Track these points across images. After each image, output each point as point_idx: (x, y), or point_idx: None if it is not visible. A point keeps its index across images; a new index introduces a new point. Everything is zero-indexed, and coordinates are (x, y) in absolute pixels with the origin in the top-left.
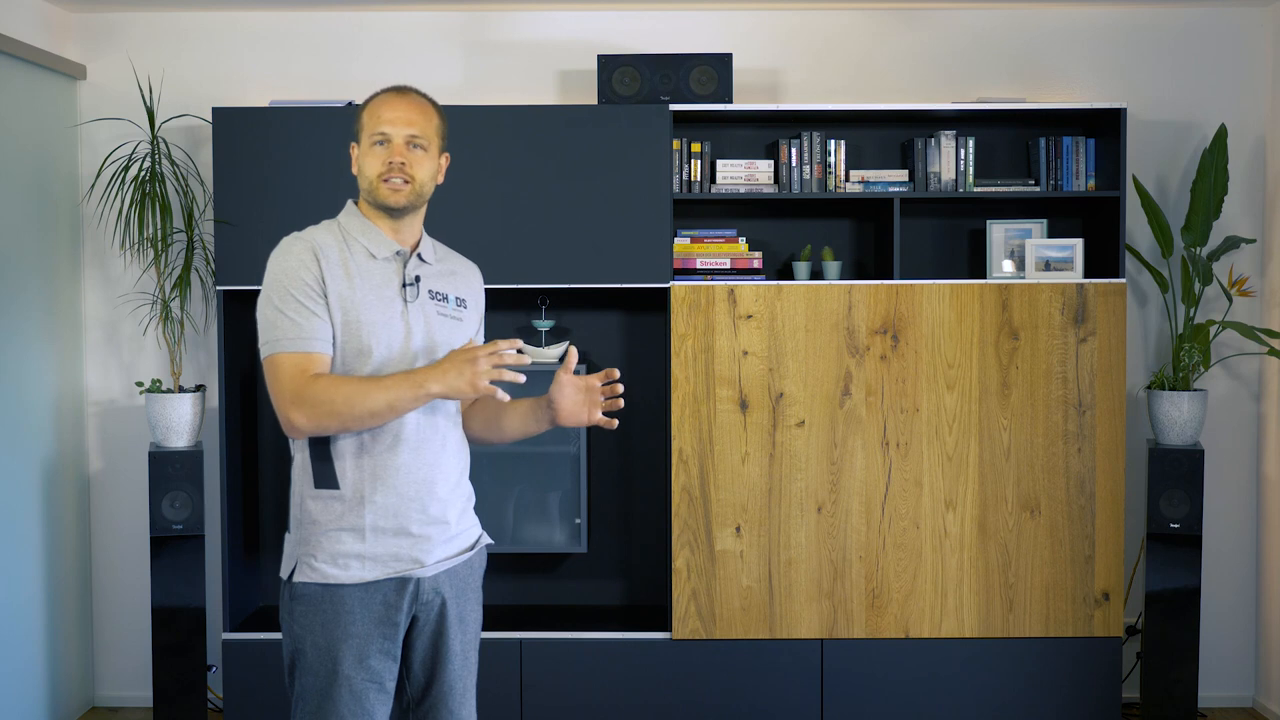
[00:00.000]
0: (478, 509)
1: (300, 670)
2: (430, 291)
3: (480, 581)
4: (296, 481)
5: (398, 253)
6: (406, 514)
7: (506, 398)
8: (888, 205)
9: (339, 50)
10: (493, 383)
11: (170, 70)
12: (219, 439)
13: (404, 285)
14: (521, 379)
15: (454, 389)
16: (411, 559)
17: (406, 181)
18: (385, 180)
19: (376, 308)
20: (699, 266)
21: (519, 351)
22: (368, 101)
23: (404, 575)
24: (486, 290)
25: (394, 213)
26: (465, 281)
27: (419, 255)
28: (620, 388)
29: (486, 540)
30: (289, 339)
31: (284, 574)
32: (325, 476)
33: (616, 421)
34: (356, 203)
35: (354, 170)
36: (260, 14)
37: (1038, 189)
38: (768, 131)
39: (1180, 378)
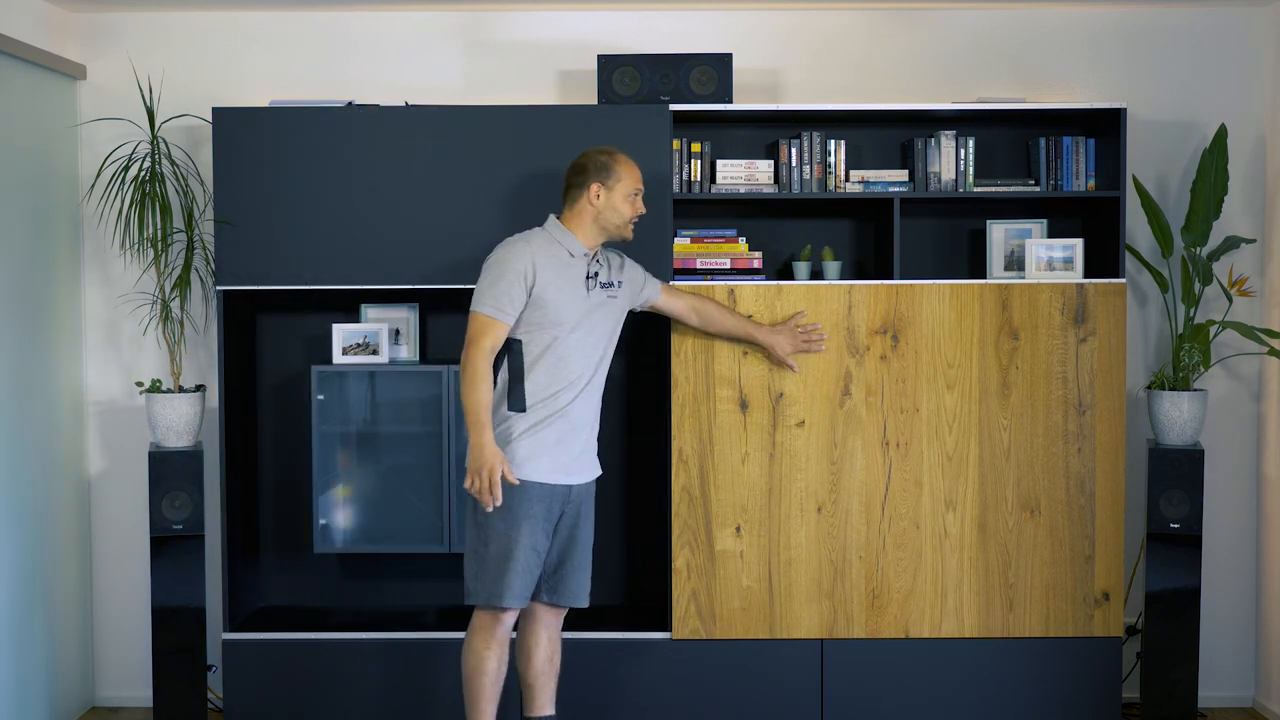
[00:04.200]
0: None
1: None
2: (601, 283)
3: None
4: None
5: (585, 254)
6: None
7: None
8: (888, 205)
9: (339, 50)
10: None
11: (170, 70)
12: (219, 439)
13: (587, 277)
14: (489, 509)
15: (469, 462)
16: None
17: None
18: (631, 224)
19: (569, 292)
20: (699, 266)
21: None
22: (617, 156)
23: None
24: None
25: (608, 241)
26: (620, 272)
27: (595, 256)
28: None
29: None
30: (489, 305)
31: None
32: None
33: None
34: (559, 217)
35: (598, 201)
36: (260, 14)
37: (1038, 189)
38: (768, 131)
39: (1180, 378)
